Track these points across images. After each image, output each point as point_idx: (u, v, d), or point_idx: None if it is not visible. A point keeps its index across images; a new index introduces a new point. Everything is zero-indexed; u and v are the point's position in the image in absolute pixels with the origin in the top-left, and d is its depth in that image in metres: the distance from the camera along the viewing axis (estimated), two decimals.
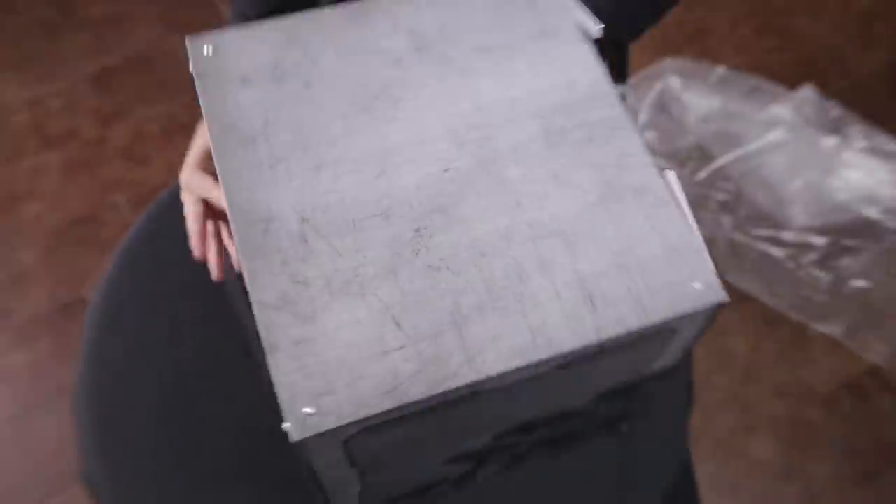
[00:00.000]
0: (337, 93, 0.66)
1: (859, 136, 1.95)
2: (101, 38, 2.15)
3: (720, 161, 1.94)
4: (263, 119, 0.64)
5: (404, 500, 0.77)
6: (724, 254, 1.85)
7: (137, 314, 0.95)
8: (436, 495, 0.80)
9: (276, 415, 0.53)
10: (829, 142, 1.93)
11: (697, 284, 0.59)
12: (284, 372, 0.53)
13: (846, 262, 1.83)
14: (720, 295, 0.60)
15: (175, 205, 0.95)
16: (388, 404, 0.53)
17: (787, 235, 1.85)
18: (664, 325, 0.59)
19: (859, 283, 1.81)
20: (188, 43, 0.68)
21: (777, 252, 1.84)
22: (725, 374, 1.74)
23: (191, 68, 0.67)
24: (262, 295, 0.56)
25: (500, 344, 0.56)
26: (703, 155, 1.95)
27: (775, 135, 1.94)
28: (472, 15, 0.72)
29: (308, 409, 0.52)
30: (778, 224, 1.86)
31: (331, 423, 0.52)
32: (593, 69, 0.70)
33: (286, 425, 0.52)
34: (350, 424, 0.53)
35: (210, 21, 2.18)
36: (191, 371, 0.90)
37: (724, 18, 2.22)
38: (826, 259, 1.83)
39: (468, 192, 0.62)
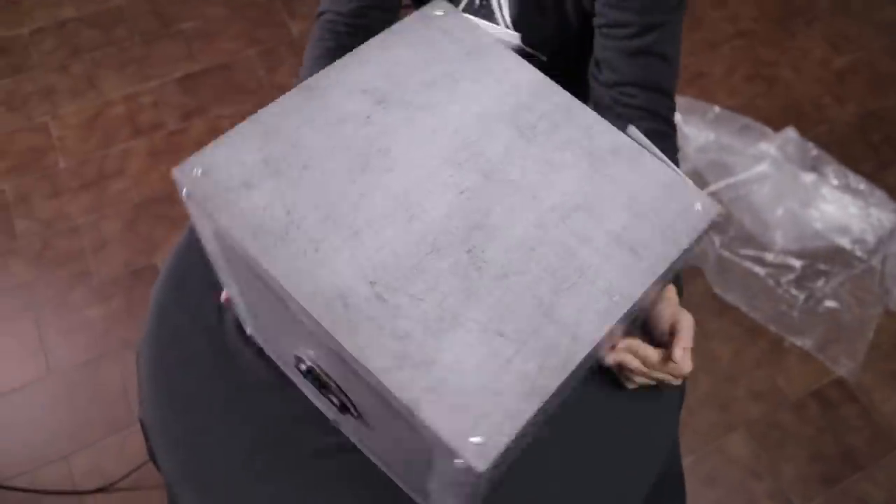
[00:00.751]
0: (333, 164, 0.57)
1: (834, 174, 1.75)
2: (190, 47, 1.96)
3: (713, 187, 1.72)
4: (284, 211, 0.54)
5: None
6: (713, 268, 1.60)
7: (199, 282, 0.85)
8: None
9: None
10: (808, 177, 1.73)
11: (698, 206, 0.56)
12: (436, 418, 0.46)
13: (819, 283, 1.60)
14: (716, 207, 0.57)
15: None
16: (535, 404, 0.47)
17: (769, 256, 1.63)
18: (690, 247, 0.56)
19: (830, 303, 1.57)
20: (175, 174, 0.55)
21: (759, 270, 1.61)
22: (709, 376, 1.49)
23: (183, 196, 0.56)
24: (379, 363, 0.48)
25: (588, 314, 0.51)
26: (699, 180, 1.72)
27: (761, 168, 1.73)
28: (405, 59, 0.63)
29: (476, 440, 0.45)
30: (761, 246, 1.64)
31: (503, 441, 0.45)
32: (527, 70, 0.63)
33: (462, 462, 0.45)
34: (517, 436, 0.46)
35: (282, 38, 1.98)
36: (241, 333, 0.81)
37: (720, 66, 2.00)
38: (802, 280, 1.60)
39: (489, 202, 0.56)
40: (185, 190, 0.55)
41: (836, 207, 1.69)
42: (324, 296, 0.50)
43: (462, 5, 0.92)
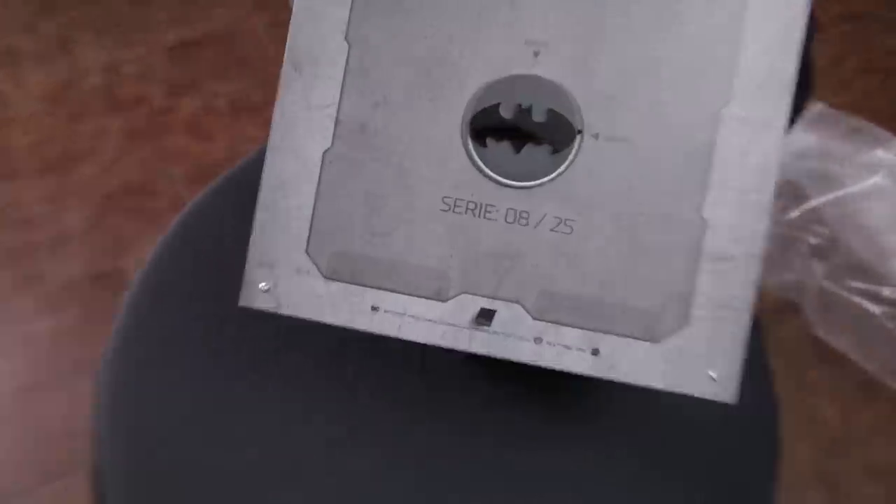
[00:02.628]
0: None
1: None
2: (186, 10, 1.75)
3: (814, 202, 1.44)
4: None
5: None
6: (813, 304, 1.34)
7: (189, 288, 0.73)
8: None
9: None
10: None
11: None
12: None
13: None
14: None
15: (231, 190, 0.78)
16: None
17: (886, 291, 1.35)
18: None
19: None
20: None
21: (874, 308, 1.33)
22: (811, 445, 1.22)
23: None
24: None
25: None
26: (795, 193, 1.45)
27: (876, 180, 1.45)
28: None
29: None
30: (876, 277, 1.36)
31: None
32: None
33: None
34: None
35: None
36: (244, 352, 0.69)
37: (825, 54, 1.74)
38: None
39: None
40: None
41: None
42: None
43: None
